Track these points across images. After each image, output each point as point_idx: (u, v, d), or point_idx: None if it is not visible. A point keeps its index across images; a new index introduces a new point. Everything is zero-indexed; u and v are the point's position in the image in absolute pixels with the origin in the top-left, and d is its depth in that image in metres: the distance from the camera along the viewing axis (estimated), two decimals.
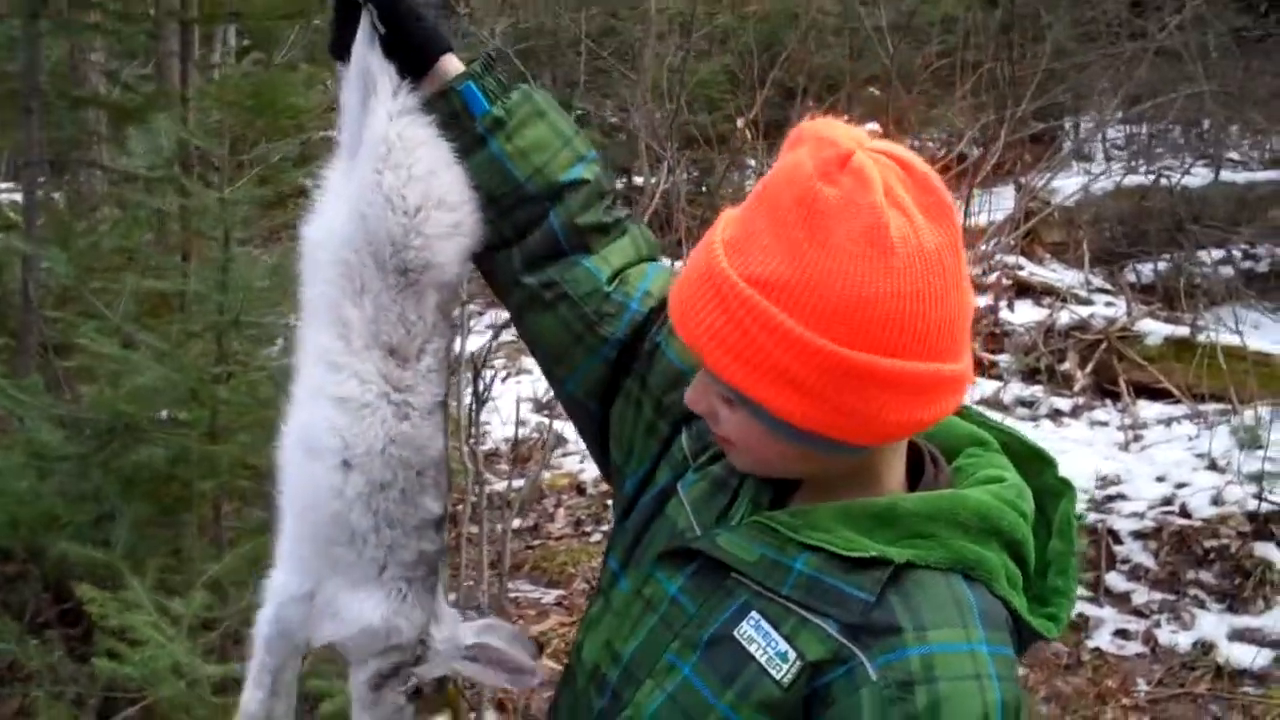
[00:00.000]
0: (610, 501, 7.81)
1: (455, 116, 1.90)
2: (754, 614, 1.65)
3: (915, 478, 1.75)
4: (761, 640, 1.62)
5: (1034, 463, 1.81)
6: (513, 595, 6.32)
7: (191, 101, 5.75)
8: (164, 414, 4.38)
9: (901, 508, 1.66)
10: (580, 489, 8.03)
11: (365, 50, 1.89)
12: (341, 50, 1.92)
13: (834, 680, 1.58)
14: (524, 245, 1.93)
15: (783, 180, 1.59)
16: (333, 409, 1.84)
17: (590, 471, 8.22)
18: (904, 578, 1.61)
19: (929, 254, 1.56)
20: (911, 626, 1.58)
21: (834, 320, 1.54)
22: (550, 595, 6.55)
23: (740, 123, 8.48)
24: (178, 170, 4.37)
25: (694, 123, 10.12)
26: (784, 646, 1.61)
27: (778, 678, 1.60)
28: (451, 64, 1.92)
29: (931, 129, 10.49)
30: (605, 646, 1.79)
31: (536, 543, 7.26)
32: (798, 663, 1.60)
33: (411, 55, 1.89)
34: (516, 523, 7.02)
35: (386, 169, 1.84)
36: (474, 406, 4.95)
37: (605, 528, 7.54)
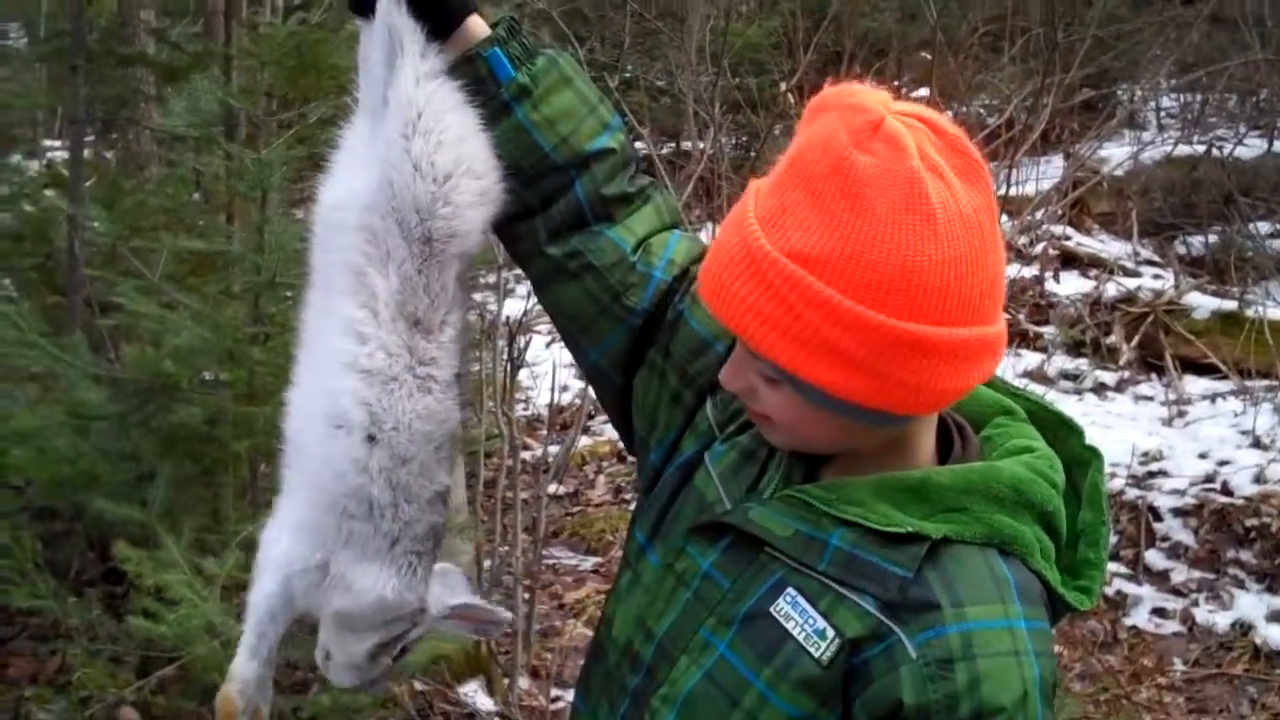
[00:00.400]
0: None
1: (480, 82, 1.85)
2: (790, 590, 1.63)
3: (943, 448, 1.73)
4: (799, 617, 1.61)
5: (1061, 431, 1.79)
6: (550, 562, 6.32)
7: (235, 60, 5.77)
8: (204, 375, 4.40)
9: (935, 481, 1.64)
10: (621, 456, 7.99)
11: (390, 7, 1.83)
12: (364, 5, 1.87)
13: (872, 657, 1.57)
14: (548, 215, 1.89)
15: (815, 150, 1.55)
16: (360, 381, 1.80)
17: None
18: (940, 553, 1.60)
19: (968, 217, 1.54)
20: (950, 603, 1.57)
21: (883, 292, 1.52)
22: (588, 562, 6.54)
23: (784, 87, 8.40)
24: (219, 131, 4.38)
25: (741, 86, 10.03)
26: (822, 624, 1.60)
27: (816, 655, 1.59)
28: (476, 26, 1.87)
29: (981, 95, 10.38)
30: (638, 622, 1.76)
31: (576, 509, 7.24)
32: (836, 640, 1.58)
33: (437, 14, 1.84)
34: (557, 489, 7.01)
35: (416, 134, 1.79)
36: (509, 371, 4.94)
37: None
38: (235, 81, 5.31)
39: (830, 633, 1.59)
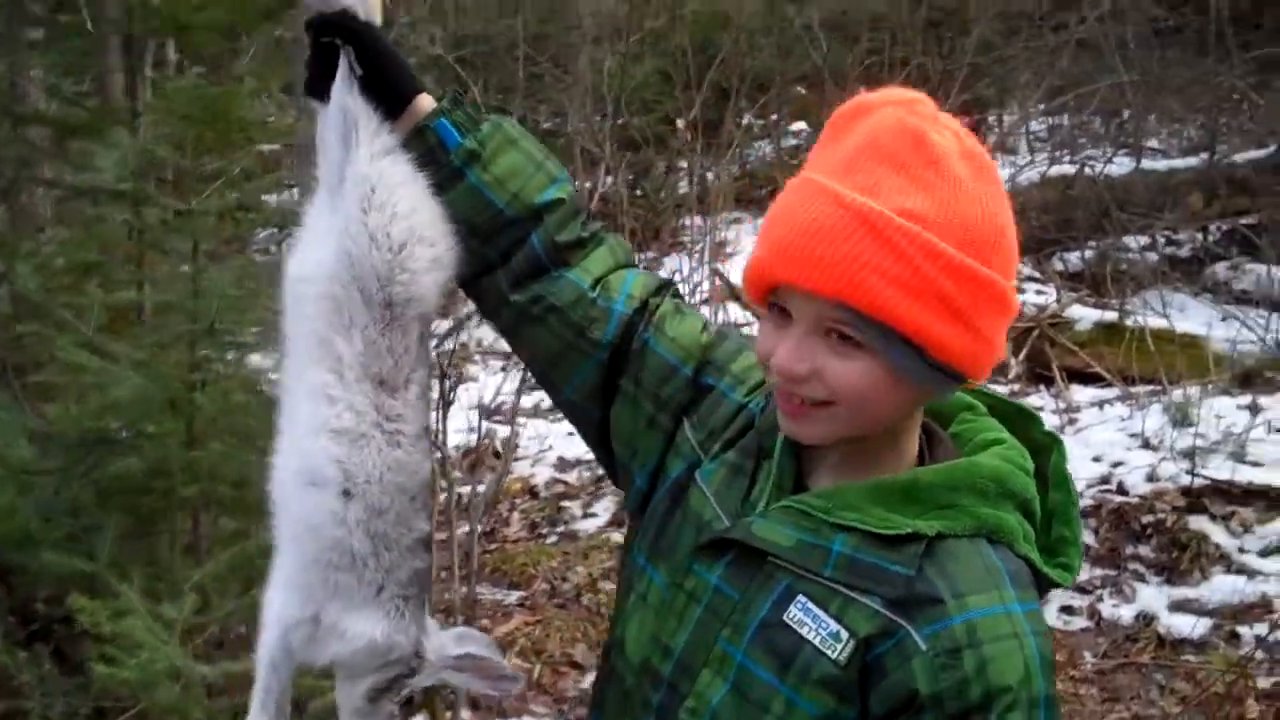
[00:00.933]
0: (563, 504, 7.92)
1: (431, 152, 1.95)
2: (800, 597, 1.71)
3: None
4: (811, 622, 1.70)
5: (1019, 420, 1.89)
6: (477, 598, 6.39)
7: (142, 116, 5.80)
8: (132, 427, 4.42)
9: (924, 481, 1.74)
10: (533, 492, 8.07)
11: (344, 91, 1.94)
12: (318, 90, 1.98)
13: (884, 653, 1.67)
14: (508, 267, 1.98)
15: (890, 134, 1.68)
16: (331, 441, 1.89)
17: (541, 476, 8.29)
18: (936, 549, 1.70)
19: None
20: (951, 595, 1.66)
21: (980, 247, 1.66)
22: (513, 596, 6.59)
23: (680, 123, 8.60)
24: (143, 184, 4.42)
25: (630, 125, 10.21)
26: (835, 626, 1.69)
27: (834, 657, 1.68)
28: (424, 101, 1.98)
29: None
30: (652, 641, 1.84)
31: (494, 546, 7.29)
32: (851, 640, 1.68)
33: (387, 95, 1.95)
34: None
35: (371, 208, 1.90)
36: (440, 410, 5.03)
37: (561, 529, 7.60)
38: (144, 136, 5.35)
39: (844, 634, 1.68)
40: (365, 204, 1.90)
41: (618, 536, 7.34)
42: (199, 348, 4.28)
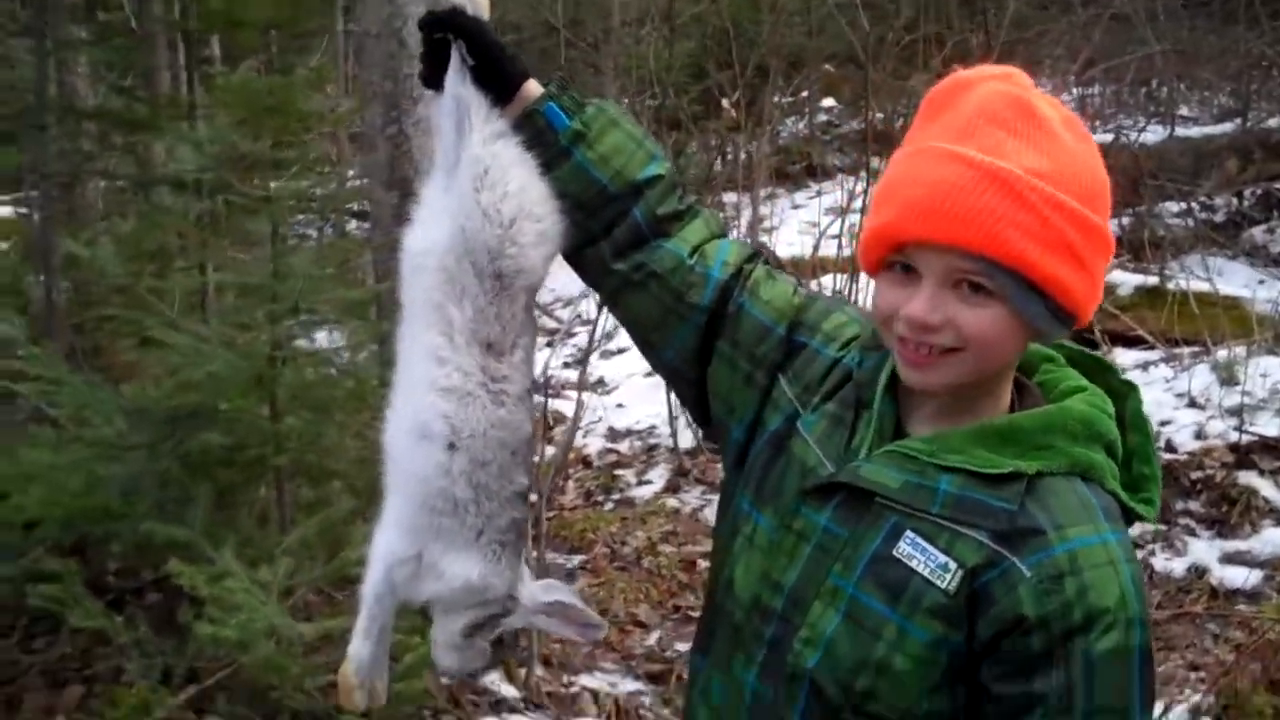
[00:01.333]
0: (617, 472, 8.04)
1: (540, 134, 2.05)
2: (909, 533, 1.82)
3: None
4: (921, 556, 1.80)
5: (1096, 370, 1.99)
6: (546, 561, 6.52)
7: (199, 109, 5.94)
8: (219, 403, 4.57)
9: (1021, 425, 1.85)
10: (586, 462, 8.21)
11: (457, 81, 2.04)
12: (433, 82, 2.09)
13: (991, 581, 1.77)
14: (611, 239, 2.08)
15: (999, 104, 1.81)
16: (440, 398, 2.00)
17: (594, 446, 8.43)
18: (1035, 486, 1.80)
19: None
20: (1052, 527, 1.77)
21: (1092, 199, 1.80)
22: (575, 560, 6.72)
23: (726, 102, 8.72)
24: (223, 172, 4.56)
25: (669, 105, 10.31)
26: (943, 559, 1.79)
27: (943, 586, 1.78)
28: (532, 87, 2.08)
29: (904, 100, 10.75)
30: (762, 579, 1.93)
31: (551, 514, 7.44)
32: (959, 571, 1.78)
33: (497, 83, 2.05)
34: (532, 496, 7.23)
35: (484, 187, 2.00)
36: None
37: (617, 496, 7.74)
38: (203, 129, 5.49)
39: (952, 565, 1.78)
40: (479, 183, 2.01)
41: (673, 502, 7.46)
42: (280, 326, 4.41)
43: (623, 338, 9.74)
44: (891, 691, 1.81)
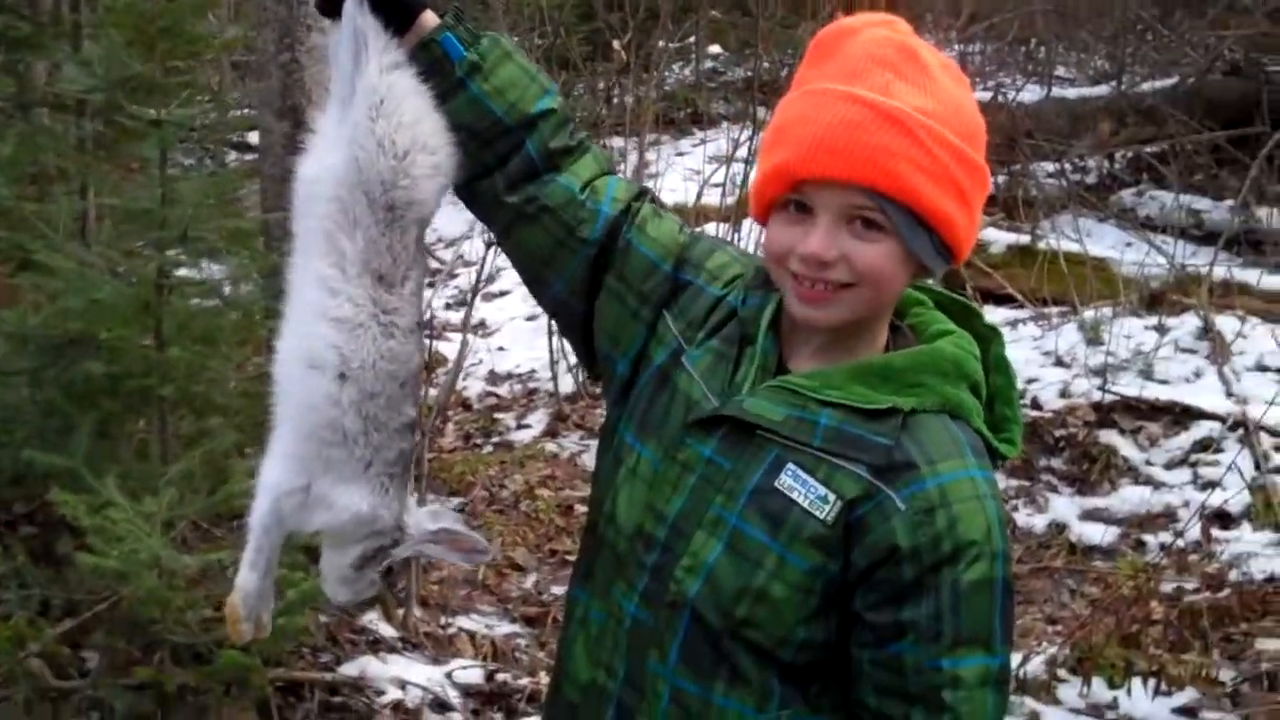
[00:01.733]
0: (497, 415, 8.05)
1: (436, 63, 2.06)
2: (790, 465, 1.90)
3: None
4: (801, 488, 1.89)
5: (963, 314, 2.10)
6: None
7: (85, 30, 5.79)
8: (105, 331, 4.50)
9: (896, 364, 1.95)
10: (466, 405, 8.21)
11: (355, 8, 2.05)
12: (330, 9, 2.09)
13: (866, 513, 1.87)
14: (505, 171, 2.11)
15: (886, 48, 1.92)
16: (331, 328, 2.03)
17: (474, 389, 8.42)
18: (909, 422, 1.90)
19: None
20: (924, 462, 1.87)
21: (972, 139, 1.92)
22: (453, 502, 6.70)
23: (616, 44, 8.72)
24: (116, 94, 4.46)
25: (560, 46, 10.26)
26: (823, 490, 1.88)
27: (821, 517, 1.88)
28: (428, 17, 2.10)
29: (790, 50, 10.81)
30: (646, 508, 2.00)
31: (430, 456, 7.44)
32: (838, 502, 1.88)
33: (395, 12, 2.06)
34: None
35: (379, 117, 2.02)
36: None
37: (496, 440, 7.75)
38: (94, 49, 5.36)
39: (831, 497, 1.88)
40: (374, 113, 2.02)
41: (552, 446, 7.50)
42: (166, 254, 4.35)
43: (504, 281, 9.73)
44: (770, 619, 1.90)
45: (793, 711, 1.94)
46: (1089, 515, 6.58)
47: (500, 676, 5.00)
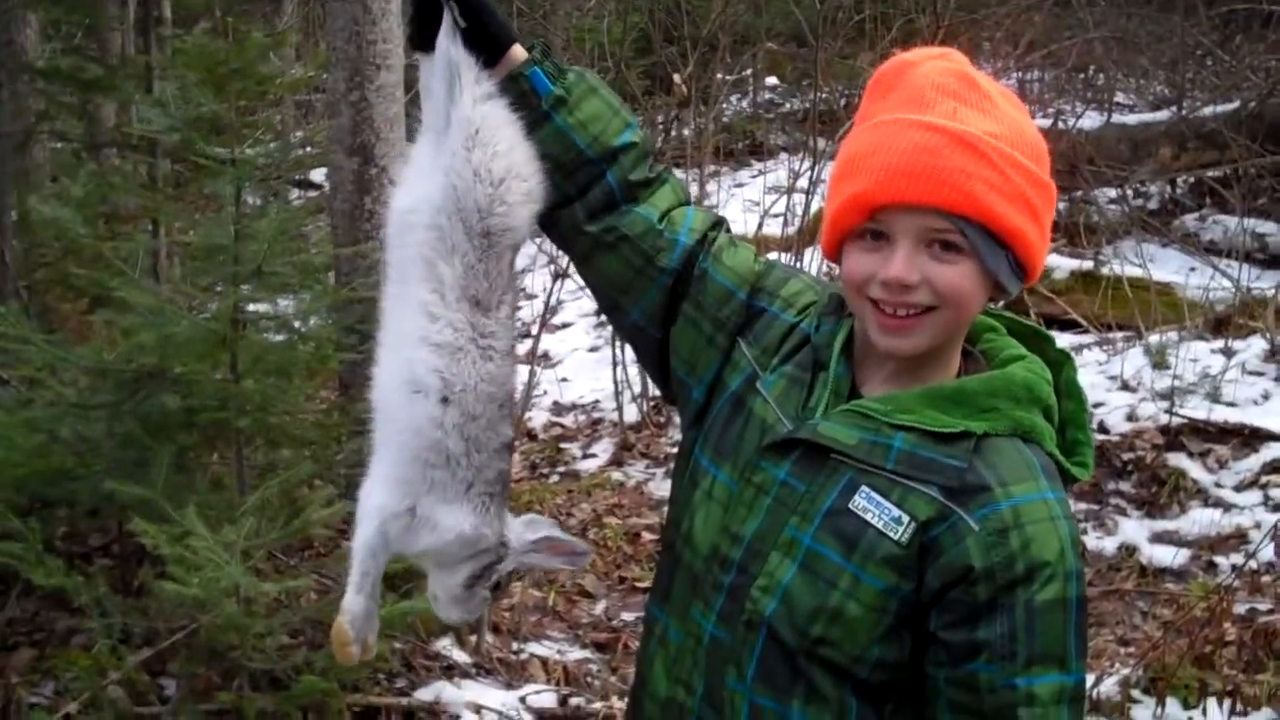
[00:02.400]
0: (562, 445, 8.11)
1: (523, 97, 2.11)
2: (864, 488, 1.93)
3: None
4: (875, 509, 1.92)
5: (1035, 340, 2.12)
6: None
7: (156, 71, 5.92)
8: (183, 364, 4.60)
9: (969, 388, 1.98)
10: (531, 435, 8.26)
11: (448, 43, 2.10)
12: (422, 43, 2.15)
13: (940, 534, 1.90)
14: (585, 201, 2.16)
15: (947, 77, 1.97)
16: (433, 353, 2.07)
17: (538, 420, 8.49)
18: (982, 446, 1.93)
19: None
20: (997, 484, 1.90)
21: (1039, 160, 1.97)
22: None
23: (678, 78, 8.79)
24: (191, 133, 4.57)
25: (615, 80, 10.34)
26: (897, 512, 1.91)
27: (895, 538, 1.91)
28: (517, 51, 2.15)
29: (849, 80, 10.87)
30: (721, 530, 2.04)
31: None
32: (911, 524, 1.90)
33: (487, 45, 2.11)
34: None
35: (475, 146, 2.07)
36: None
37: (562, 469, 7.81)
38: (169, 90, 5.49)
39: (905, 519, 1.91)
40: (470, 143, 2.08)
41: (618, 475, 7.54)
42: (241, 289, 4.44)
43: (567, 313, 9.81)
44: (845, 637, 1.93)
45: None
46: (1159, 538, 6.57)
47: (574, 701, 5.04)
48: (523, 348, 8.66)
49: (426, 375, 2.08)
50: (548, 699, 5.05)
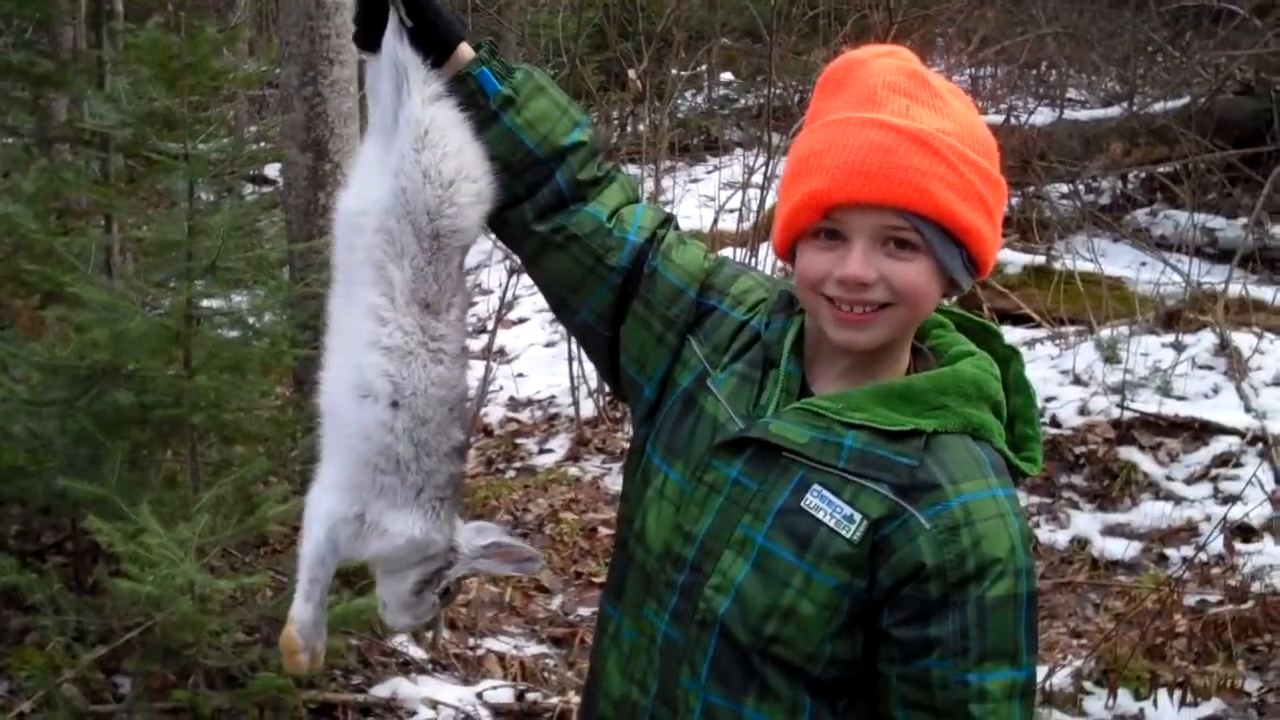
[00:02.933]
0: (518, 441, 8.11)
1: (471, 97, 2.09)
2: (816, 486, 1.94)
3: None
4: (827, 508, 1.93)
5: (983, 335, 2.14)
6: None
7: (108, 66, 5.88)
8: (136, 361, 4.57)
9: (918, 386, 1.98)
10: (487, 430, 8.24)
11: (395, 42, 2.07)
12: (368, 43, 2.12)
13: (892, 532, 1.90)
14: (534, 201, 2.14)
15: (898, 75, 1.98)
16: (382, 357, 2.05)
17: (494, 415, 8.47)
18: (932, 443, 1.94)
19: None
20: (948, 482, 1.91)
21: (989, 156, 1.98)
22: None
23: (632, 74, 8.77)
24: (144, 128, 4.55)
25: (570, 75, 10.34)
26: (849, 510, 1.92)
27: (848, 536, 1.91)
28: (464, 50, 2.13)
29: (803, 76, 10.89)
30: (674, 529, 2.04)
31: None
32: (864, 522, 1.91)
33: (433, 45, 2.09)
34: None
35: (425, 148, 2.05)
36: None
37: (518, 464, 7.80)
38: (121, 85, 5.45)
39: (857, 516, 1.91)
40: (419, 144, 2.06)
41: (575, 470, 7.54)
42: (194, 285, 4.42)
43: (523, 308, 9.78)
44: (798, 636, 1.94)
45: None
46: (1111, 530, 6.62)
47: (530, 696, 5.04)
48: (479, 343, 8.67)
49: (376, 379, 2.07)
50: (505, 694, 5.05)
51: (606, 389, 7.98)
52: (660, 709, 2.06)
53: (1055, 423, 7.31)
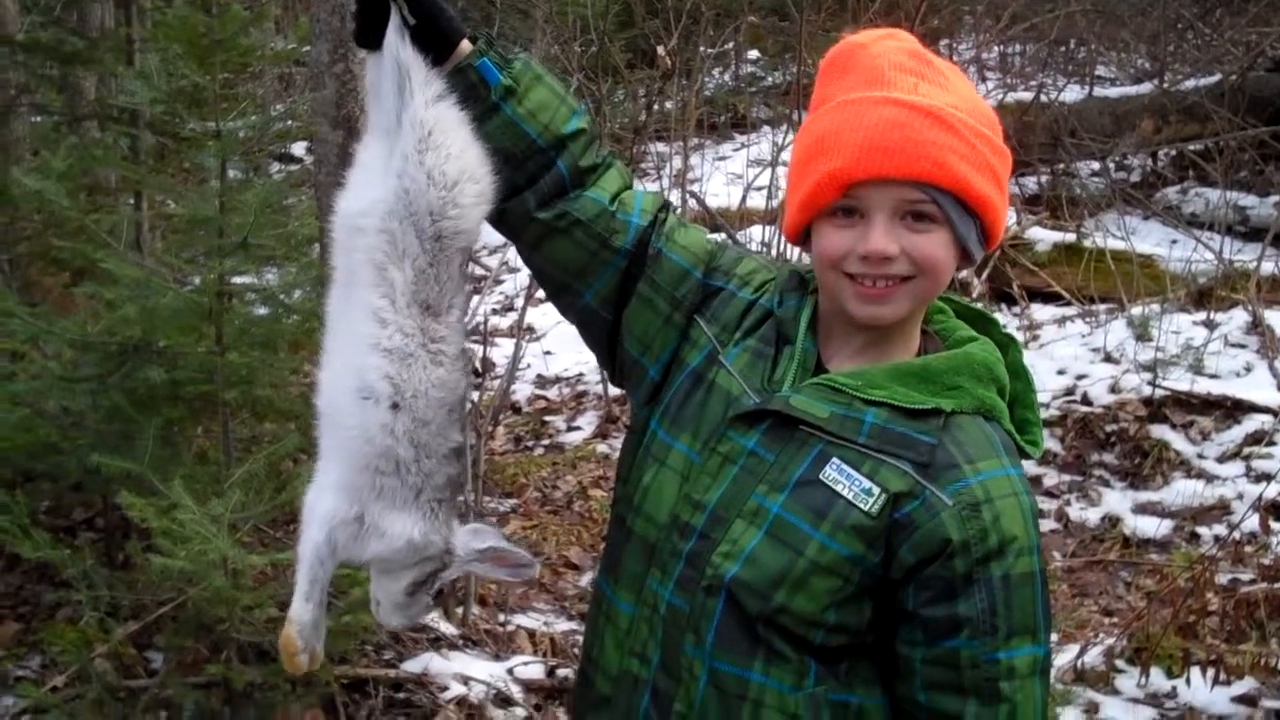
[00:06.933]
0: (546, 418, 8.10)
1: (473, 89, 2.09)
2: (835, 460, 1.96)
3: None
4: (846, 481, 1.95)
5: (981, 322, 2.18)
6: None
7: (137, 44, 5.88)
8: (168, 337, 4.57)
9: (934, 366, 2.02)
10: (515, 408, 8.21)
11: (398, 42, 2.05)
12: (368, 41, 2.10)
13: (913, 510, 1.93)
14: (535, 189, 2.14)
15: (901, 56, 2.03)
16: (383, 359, 2.05)
17: (522, 393, 8.46)
18: (949, 423, 1.97)
19: None
20: (965, 461, 1.95)
21: (994, 128, 2.02)
22: (507, 504, 6.75)
23: (662, 50, 8.74)
24: (176, 105, 4.54)
25: (603, 54, 10.31)
26: (868, 484, 1.95)
27: (865, 509, 1.94)
28: (464, 46, 2.12)
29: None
30: (683, 498, 2.05)
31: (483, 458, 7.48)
32: (883, 495, 1.94)
33: (435, 43, 2.08)
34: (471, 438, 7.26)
35: (429, 149, 2.04)
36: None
37: (546, 442, 7.77)
38: (144, 63, 5.44)
39: (876, 490, 1.94)
40: (422, 145, 2.05)
41: (603, 447, 7.50)
42: (226, 262, 4.41)
43: None
44: (805, 603, 1.96)
45: (827, 688, 1.99)
46: (1142, 509, 6.56)
47: (561, 672, 5.03)
48: (507, 321, 8.65)
49: (377, 381, 2.07)
50: (535, 670, 5.04)
51: None
52: (662, 679, 2.06)
53: (1086, 400, 7.25)
